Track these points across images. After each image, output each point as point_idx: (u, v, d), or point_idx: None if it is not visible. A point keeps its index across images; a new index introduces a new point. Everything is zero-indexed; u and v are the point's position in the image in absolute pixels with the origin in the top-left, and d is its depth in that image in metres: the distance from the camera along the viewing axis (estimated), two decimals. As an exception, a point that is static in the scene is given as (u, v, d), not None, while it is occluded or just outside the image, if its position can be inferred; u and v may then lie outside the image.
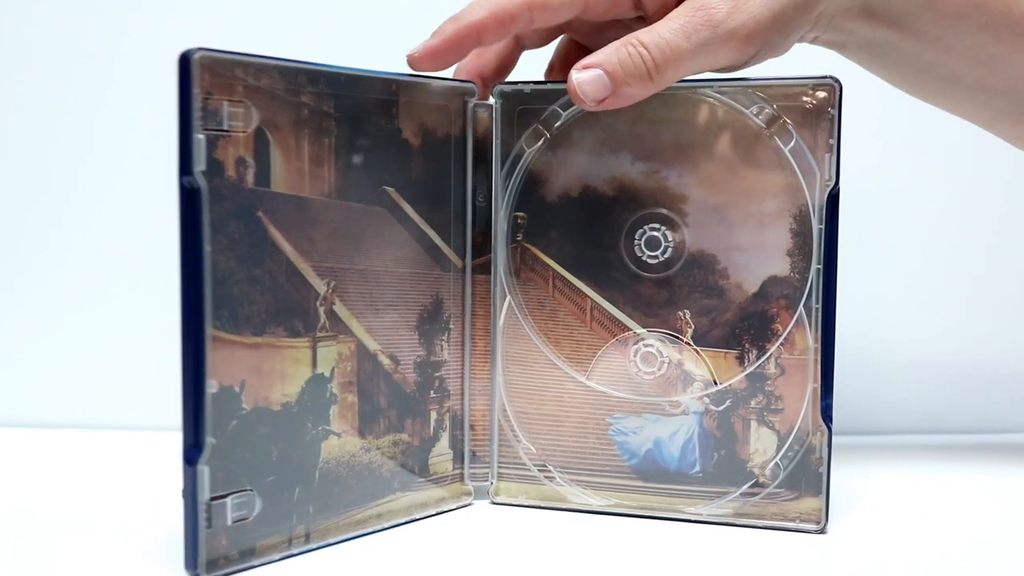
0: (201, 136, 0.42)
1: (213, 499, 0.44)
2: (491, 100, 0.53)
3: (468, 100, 0.53)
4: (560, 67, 0.58)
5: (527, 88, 0.53)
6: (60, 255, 0.74)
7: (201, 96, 0.42)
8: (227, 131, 0.44)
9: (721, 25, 0.47)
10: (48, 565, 0.47)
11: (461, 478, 0.55)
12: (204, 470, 0.44)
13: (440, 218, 0.53)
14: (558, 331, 0.54)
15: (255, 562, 0.46)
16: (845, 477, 0.58)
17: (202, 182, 0.43)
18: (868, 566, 0.47)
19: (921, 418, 0.74)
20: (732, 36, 0.47)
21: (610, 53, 0.48)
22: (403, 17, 0.68)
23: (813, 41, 0.53)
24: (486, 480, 0.55)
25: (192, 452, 0.43)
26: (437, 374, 0.53)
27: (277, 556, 0.47)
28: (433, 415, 0.53)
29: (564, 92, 0.52)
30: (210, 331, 0.43)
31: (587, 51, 0.56)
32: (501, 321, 0.54)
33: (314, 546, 0.48)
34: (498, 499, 0.54)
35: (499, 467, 0.54)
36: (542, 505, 0.54)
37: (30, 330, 0.74)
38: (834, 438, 0.50)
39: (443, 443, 0.54)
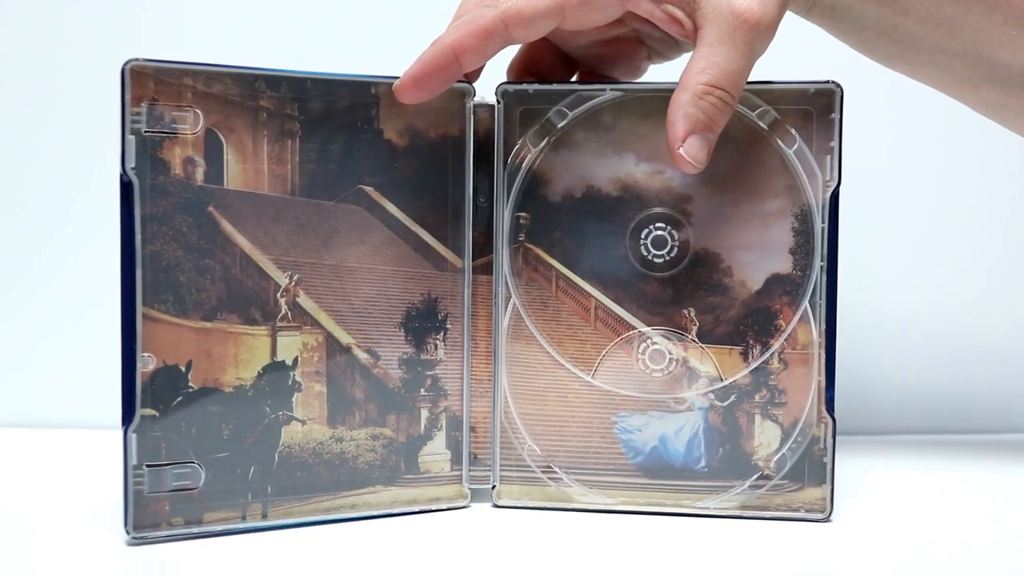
0: (131, 137, 0.47)
1: (151, 466, 0.48)
2: (493, 100, 0.53)
3: (467, 101, 0.53)
4: (520, 68, 0.57)
5: (530, 88, 0.53)
6: (52, 256, 0.75)
7: (144, 101, 0.47)
8: (172, 133, 0.48)
9: (760, 24, 0.48)
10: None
11: (460, 480, 0.54)
12: (133, 437, 0.48)
13: (435, 218, 0.53)
14: (562, 331, 0.54)
15: (201, 530, 0.49)
16: (847, 476, 0.59)
17: (133, 178, 0.47)
18: (873, 556, 0.48)
19: (923, 417, 0.75)
20: (770, 28, 0.49)
21: (692, 112, 0.48)
22: (401, 25, 0.69)
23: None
24: (487, 483, 0.54)
25: (125, 419, 0.48)
26: (429, 373, 0.53)
27: (228, 528, 0.50)
28: (424, 413, 0.54)
29: (567, 93, 0.53)
30: (141, 310, 0.48)
31: (558, 51, 0.56)
32: (505, 322, 0.54)
33: (272, 524, 0.51)
34: (500, 502, 0.54)
35: (501, 469, 0.54)
36: (547, 506, 0.54)
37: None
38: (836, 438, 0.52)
39: (437, 443, 0.54)
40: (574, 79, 0.57)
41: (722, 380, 0.53)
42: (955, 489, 0.60)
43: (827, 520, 0.52)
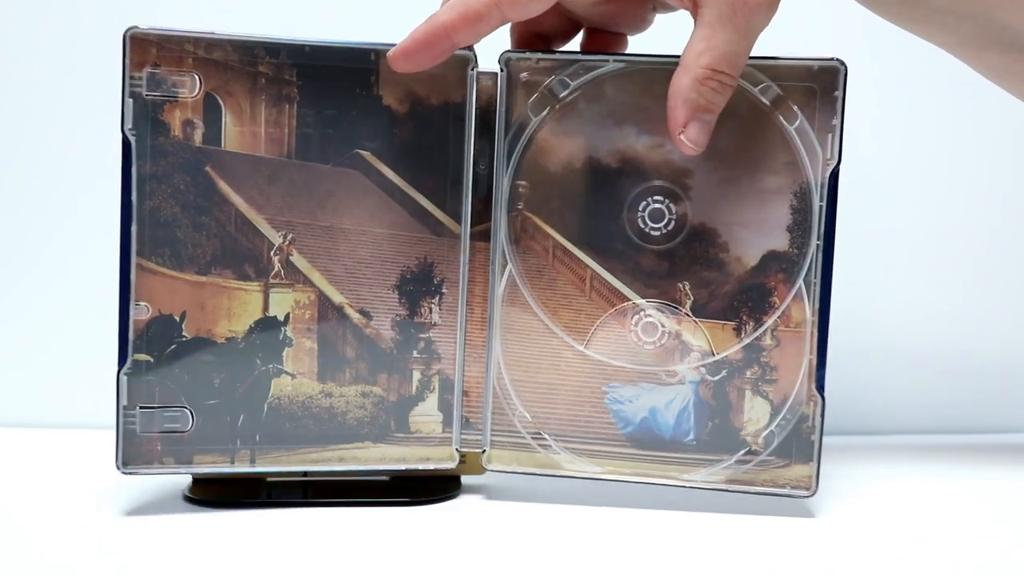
0: (130, 100, 0.50)
1: (143, 408, 0.51)
2: (494, 68, 0.53)
3: (469, 68, 0.53)
4: (522, 28, 0.55)
5: (534, 57, 0.53)
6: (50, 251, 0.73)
7: (146, 67, 0.50)
8: (173, 97, 0.51)
9: (761, 4, 0.48)
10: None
11: (450, 442, 0.55)
12: (124, 379, 0.51)
13: (433, 184, 0.54)
14: (556, 300, 0.54)
15: (189, 470, 0.52)
16: (836, 476, 0.59)
17: (131, 138, 0.50)
18: (858, 553, 0.48)
19: (918, 416, 0.74)
20: (771, 6, 0.48)
21: (693, 98, 0.49)
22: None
23: None
24: (478, 447, 0.55)
25: (120, 363, 0.51)
26: (423, 335, 0.54)
27: (216, 470, 0.53)
28: (416, 375, 0.54)
29: (571, 62, 0.53)
30: (136, 261, 0.51)
31: (561, 9, 0.54)
32: (500, 289, 0.54)
33: (260, 470, 0.53)
34: (491, 466, 0.55)
35: (492, 434, 0.55)
36: (536, 472, 0.54)
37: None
38: (827, 438, 0.52)
39: (429, 404, 0.55)
40: (579, 36, 0.56)
41: (714, 355, 0.53)
42: (943, 489, 0.59)
43: (812, 496, 0.52)
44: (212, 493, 0.53)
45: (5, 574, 0.45)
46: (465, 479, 0.56)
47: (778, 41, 0.52)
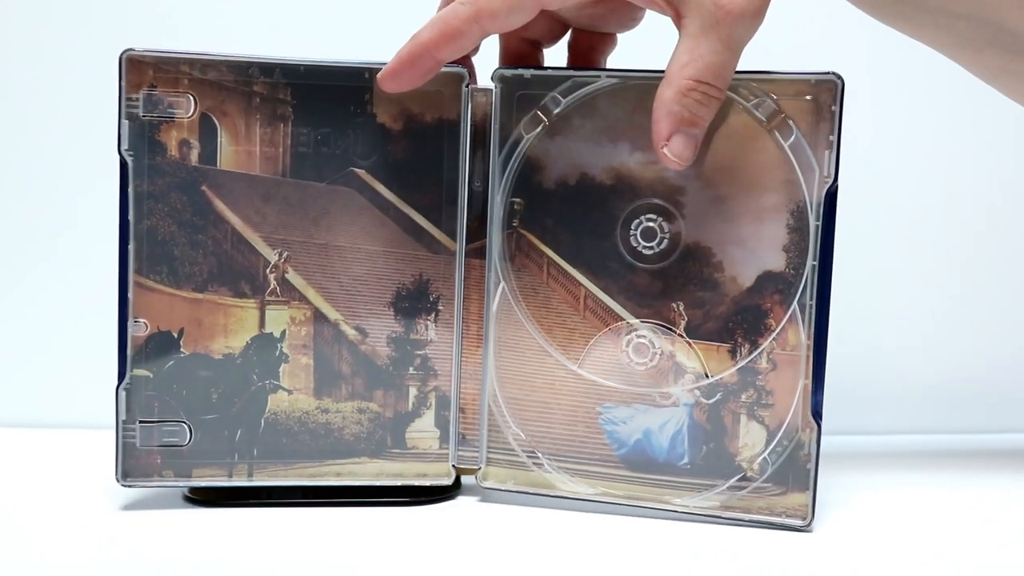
0: (126, 121, 0.51)
1: (143, 422, 0.53)
2: (491, 85, 0.53)
3: (464, 85, 0.53)
4: (510, 33, 0.54)
5: (527, 73, 0.53)
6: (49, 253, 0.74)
7: (143, 88, 0.51)
8: (169, 117, 0.52)
9: (744, 14, 0.46)
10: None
11: (447, 458, 0.55)
12: (123, 394, 0.52)
13: (428, 201, 0.54)
14: (551, 318, 0.54)
15: (188, 483, 0.54)
16: (833, 477, 0.58)
17: (128, 159, 0.51)
18: (853, 565, 0.47)
19: (914, 419, 0.73)
20: (756, 16, 0.47)
21: (676, 110, 0.48)
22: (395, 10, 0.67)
23: None
24: (475, 464, 0.55)
25: (119, 378, 0.52)
26: (419, 352, 0.55)
27: (215, 483, 0.54)
28: (412, 391, 0.55)
29: (564, 79, 0.52)
30: (133, 278, 0.52)
31: (548, 13, 0.53)
32: (494, 307, 0.54)
33: (257, 484, 0.54)
34: (486, 483, 0.55)
35: (488, 452, 0.54)
36: (529, 491, 0.54)
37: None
38: (824, 438, 0.50)
39: (426, 420, 0.55)
40: (567, 38, 0.56)
41: (708, 377, 0.52)
42: (947, 498, 0.57)
43: (807, 527, 0.50)
44: (211, 492, 0.54)
45: (5, 574, 0.46)
46: (465, 479, 0.56)
47: (771, 52, 0.50)
